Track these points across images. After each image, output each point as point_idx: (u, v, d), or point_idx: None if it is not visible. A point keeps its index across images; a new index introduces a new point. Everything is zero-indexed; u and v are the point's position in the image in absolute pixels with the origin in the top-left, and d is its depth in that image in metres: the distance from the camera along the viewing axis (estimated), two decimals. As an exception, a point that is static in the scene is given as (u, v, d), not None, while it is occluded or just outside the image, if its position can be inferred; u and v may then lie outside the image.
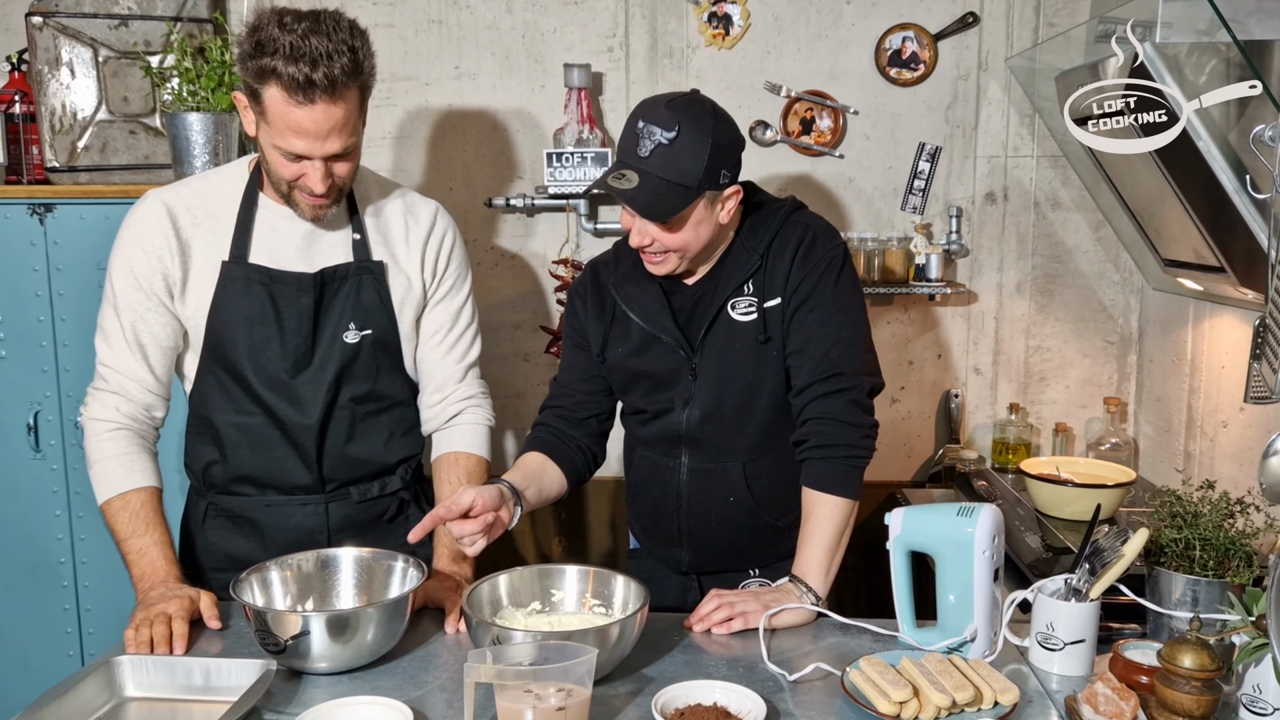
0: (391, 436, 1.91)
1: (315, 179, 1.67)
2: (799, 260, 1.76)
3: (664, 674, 1.51)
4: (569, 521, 2.94)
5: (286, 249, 1.80)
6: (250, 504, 1.86)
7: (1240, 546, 1.56)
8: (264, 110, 1.63)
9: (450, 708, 1.41)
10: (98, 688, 1.43)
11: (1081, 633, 1.51)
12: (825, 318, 1.74)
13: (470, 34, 2.78)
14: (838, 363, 1.73)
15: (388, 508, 1.93)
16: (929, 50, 2.73)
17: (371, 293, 1.83)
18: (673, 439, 1.84)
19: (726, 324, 1.78)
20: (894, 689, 1.37)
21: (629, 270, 1.85)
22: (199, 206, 1.80)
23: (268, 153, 1.69)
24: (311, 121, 1.61)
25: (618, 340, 1.85)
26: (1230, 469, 2.28)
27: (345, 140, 1.66)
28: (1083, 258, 2.82)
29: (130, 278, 1.78)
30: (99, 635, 2.58)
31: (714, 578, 1.89)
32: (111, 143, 2.61)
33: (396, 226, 1.88)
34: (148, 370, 1.80)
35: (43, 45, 2.54)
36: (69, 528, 2.55)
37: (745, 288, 1.78)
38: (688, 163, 1.64)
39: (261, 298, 1.78)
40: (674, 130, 1.63)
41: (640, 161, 1.65)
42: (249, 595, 1.58)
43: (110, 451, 1.77)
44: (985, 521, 1.55)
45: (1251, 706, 1.36)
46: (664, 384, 1.82)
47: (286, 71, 1.57)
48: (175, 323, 1.81)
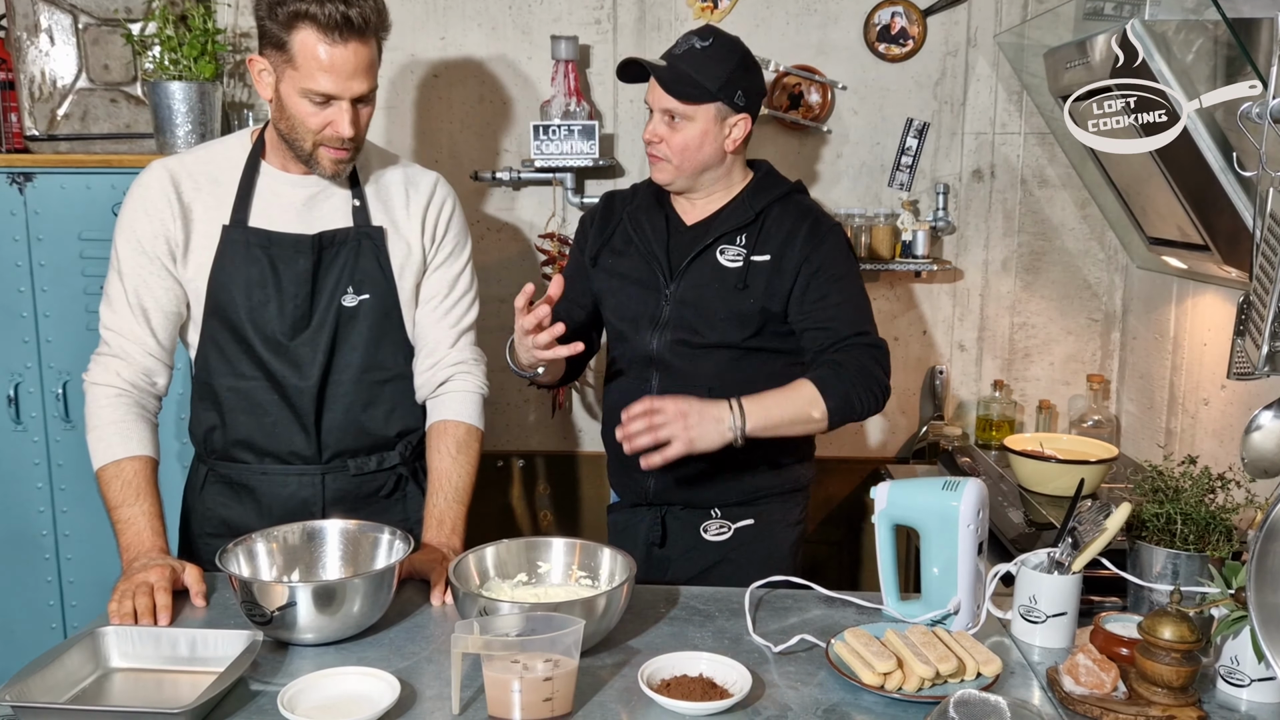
0: (393, 409, 1.90)
1: (344, 121, 1.71)
2: (810, 230, 1.92)
3: (650, 645, 1.52)
4: (555, 496, 2.95)
5: (286, 213, 1.82)
6: (247, 471, 1.87)
7: (1220, 521, 1.58)
8: (292, 57, 1.67)
9: (437, 678, 1.42)
10: (83, 658, 1.43)
11: (1063, 605, 1.52)
12: (845, 286, 1.91)
13: (457, 5, 2.75)
14: (864, 326, 1.90)
15: (384, 483, 1.92)
16: (918, 26, 2.72)
17: (370, 258, 1.84)
18: (644, 360, 1.97)
19: (711, 264, 1.93)
20: (878, 660, 1.38)
21: (644, 202, 2.04)
22: (201, 172, 1.83)
23: (293, 105, 1.71)
24: (344, 59, 1.67)
25: (610, 253, 2.04)
26: (1211, 445, 2.30)
27: (369, 82, 1.72)
28: (1068, 235, 2.83)
29: (134, 242, 1.79)
30: (82, 607, 2.58)
31: (678, 513, 2.00)
32: (92, 111, 2.57)
33: (397, 194, 1.90)
34: (150, 334, 1.80)
35: (21, 11, 2.50)
36: (50, 500, 2.54)
37: (738, 239, 1.94)
38: (712, 68, 1.87)
39: (260, 260, 1.80)
40: (708, 40, 1.88)
41: (674, 58, 1.89)
42: (235, 566, 1.58)
43: (109, 418, 1.77)
44: (970, 495, 1.56)
45: (1229, 678, 1.38)
46: (636, 304, 1.98)
47: (323, 11, 1.64)
48: (178, 287, 1.82)
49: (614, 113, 2.79)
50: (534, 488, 2.95)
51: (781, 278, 1.91)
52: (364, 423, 1.87)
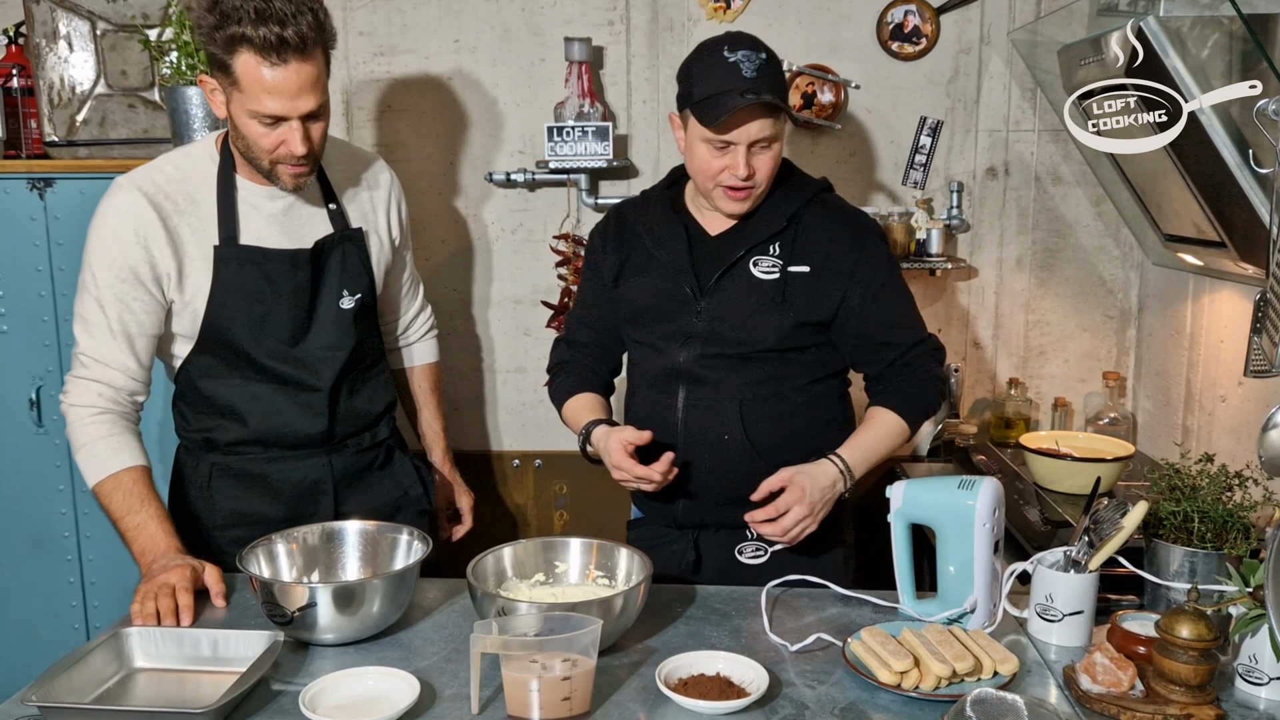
0: (377, 389, 2.03)
1: (295, 140, 1.71)
2: (852, 237, 1.86)
3: (667, 645, 1.53)
4: (570, 497, 2.95)
5: (271, 227, 1.84)
6: (256, 461, 1.91)
7: (1238, 519, 1.58)
8: (236, 80, 1.67)
9: (456, 678, 1.43)
10: (107, 659, 1.45)
11: (1080, 604, 1.52)
12: (896, 294, 1.89)
13: (470, 7, 2.76)
14: (921, 332, 1.92)
15: (377, 456, 2.03)
16: (931, 24, 2.72)
17: (355, 259, 1.93)
18: (671, 374, 1.88)
19: (745, 277, 1.85)
20: (895, 659, 1.38)
21: (661, 214, 1.94)
22: (177, 193, 1.81)
23: (244, 126, 1.72)
24: (286, 81, 1.65)
25: (632, 271, 1.94)
26: (1228, 442, 2.29)
27: (318, 98, 1.71)
28: (1083, 232, 2.82)
29: (116, 268, 1.76)
30: (104, 608, 2.60)
31: (711, 535, 1.91)
32: (110, 116, 2.60)
33: (363, 192, 1.98)
34: (133, 359, 1.80)
35: (40, 18, 2.52)
36: (72, 502, 2.56)
37: (770, 248, 1.85)
38: (780, 80, 1.78)
39: (257, 277, 1.82)
40: (764, 52, 1.76)
41: (754, 84, 1.72)
42: (255, 567, 1.59)
43: (96, 435, 1.77)
44: (986, 494, 1.57)
45: (1248, 676, 1.38)
46: (667, 318, 1.89)
47: (258, 34, 1.61)
48: (161, 310, 1.81)
49: (627, 114, 2.80)
50: (550, 488, 2.96)
51: (824, 290, 1.84)
52: (362, 406, 1.99)
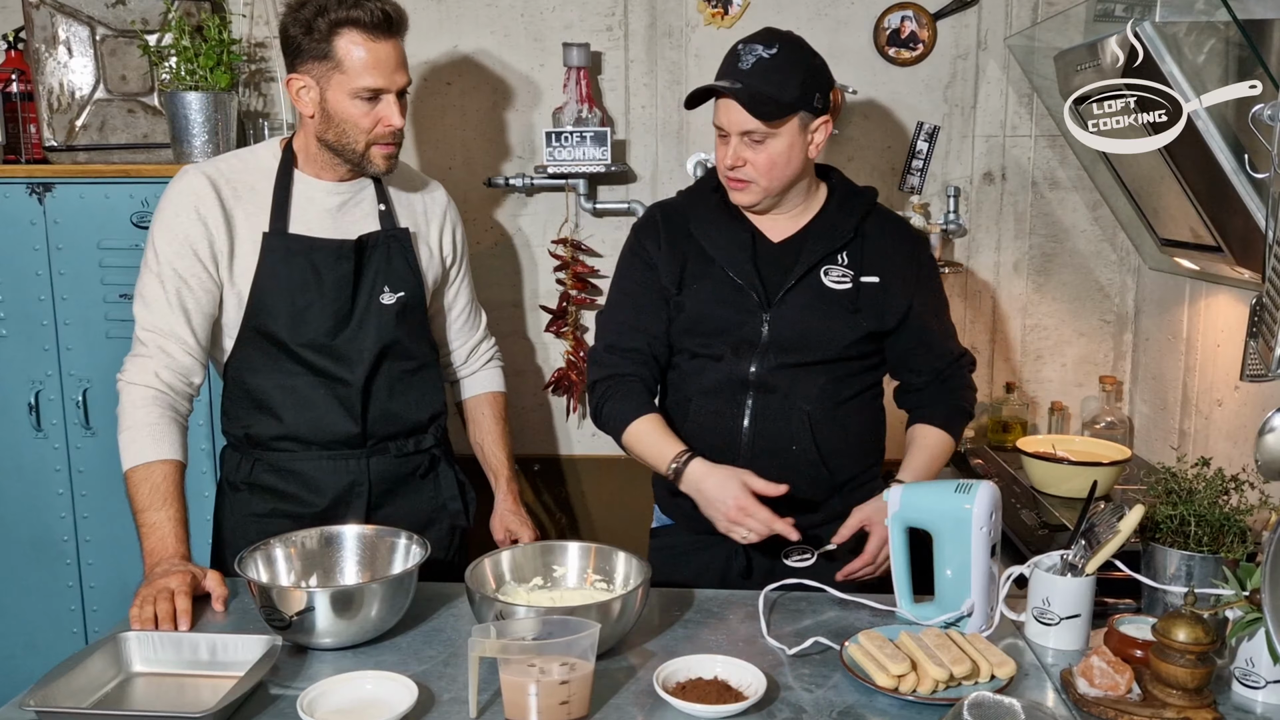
0: (423, 395, 2.03)
1: (394, 113, 1.83)
2: (912, 250, 1.93)
3: (665, 648, 1.53)
4: (576, 499, 2.96)
5: (322, 220, 1.90)
6: (295, 458, 1.93)
7: (1235, 522, 1.58)
8: (339, 63, 1.78)
9: (454, 682, 1.43)
10: (105, 663, 1.45)
11: (1077, 607, 1.53)
12: (943, 307, 1.98)
13: (469, 12, 2.77)
14: (960, 346, 2.00)
15: (420, 464, 2.04)
16: (928, 29, 2.72)
17: (400, 258, 1.97)
18: (738, 384, 1.85)
19: (816, 287, 1.85)
20: (892, 662, 1.39)
21: (712, 214, 1.89)
22: (238, 180, 1.89)
23: (343, 110, 1.81)
24: (387, 55, 1.80)
25: (692, 277, 1.88)
26: (1225, 446, 2.30)
27: (408, 74, 1.86)
28: (1080, 237, 2.83)
29: (178, 244, 1.83)
30: (103, 612, 2.60)
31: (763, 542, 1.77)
32: (110, 121, 2.60)
33: (416, 201, 2.05)
34: (190, 332, 1.84)
35: (39, 23, 2.53)
36: (71, 506, 2.56)
37: (840, 258, 1.87)
38: (786, 76, 1.74)
39: (303, 266, 1.87)
40: (774, 47, 1.74)
41: (740, 75, 1.73)
42: (254, 572, 1.60)
43: (143, 419, 1.79)
44: (983, 498, 1.57)
45: (1245, 680, 1.39)
46: (731, 329, 1.85)
47: (365, 14, 1.76)
48: (216, 290, 1.87)
49: (626, 119, 2.80)
50: (549, 492, 2.96)
51: (893, 300, 1.88)
52: (399, 409, 1.99)
